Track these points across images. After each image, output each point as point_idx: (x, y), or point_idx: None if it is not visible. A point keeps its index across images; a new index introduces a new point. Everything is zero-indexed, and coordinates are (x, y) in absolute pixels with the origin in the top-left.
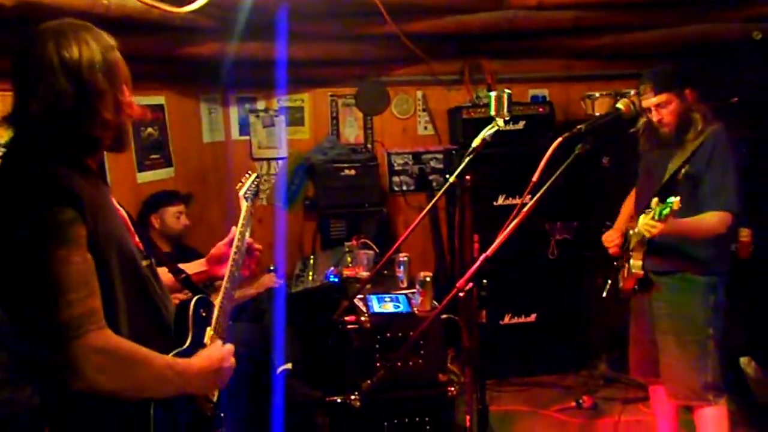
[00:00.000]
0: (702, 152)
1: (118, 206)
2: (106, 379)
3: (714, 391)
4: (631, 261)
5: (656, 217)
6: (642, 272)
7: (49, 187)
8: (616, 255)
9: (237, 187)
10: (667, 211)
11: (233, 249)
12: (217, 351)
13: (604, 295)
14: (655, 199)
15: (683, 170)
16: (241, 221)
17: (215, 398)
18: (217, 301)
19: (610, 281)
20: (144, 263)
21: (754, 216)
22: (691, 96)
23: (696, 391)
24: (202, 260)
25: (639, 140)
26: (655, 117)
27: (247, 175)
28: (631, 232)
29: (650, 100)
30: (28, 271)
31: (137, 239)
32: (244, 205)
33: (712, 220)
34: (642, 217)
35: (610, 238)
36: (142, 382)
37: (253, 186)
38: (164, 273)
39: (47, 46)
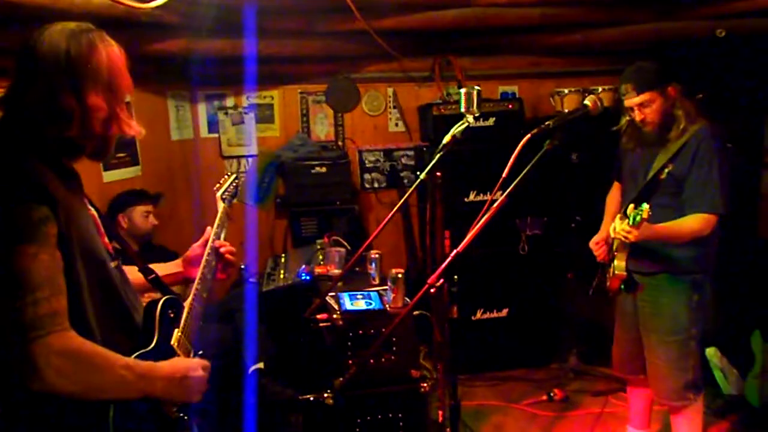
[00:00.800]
0: (686, 152)
1: (89, 205)
2: (65, 381)
3: (694, 390)
4: (615, 262)
5: (630, 223)
6: (625, 273)
7: (25, 183)
8: (603, 259)
9: (215, 188)
10: (638, 218)
11: (207, 250)
12: (185, 360)
13: (591, 293)
14: (631, 205)
15: (666, 170)
16: (216, 222)
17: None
18: (186, 302)
19: (596, 280)
20: (112, 264)
21: None
22: (674, 92)
23: (677, 390)
24: (178, 261)
25: (621, 138)
26: (638, 116)
27: (225, 176)
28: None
29: (632, 100)
30: None
31: (106, 239)
32: (221, 206)
33: (695, 222)
34: (618, 222)
35: (597, 245)
36: (101, 384)
37: (232, 187)
38: (134, 272)
39: (60, 44)
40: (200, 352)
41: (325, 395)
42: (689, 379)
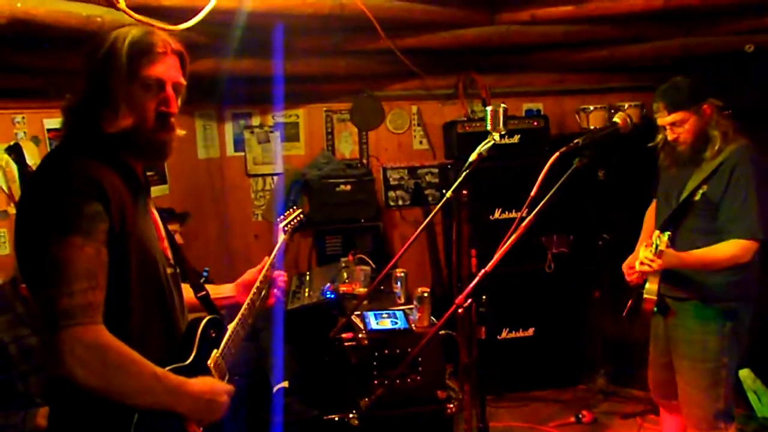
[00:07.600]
0: (721, 172)
1: (154, 210)
2: (84, 373)
3: (725, 419)
4: (647, 285)
5: (654, 251)
6: (656, 297)
7: (80, 179)
8: (636, 283)
9: (279, 219)
10: (662, 246)
11: (260, 277)
12: (215, 383)
13: (624, 315)
14: (657, 231)
15: (700, 191)
16: (275, 251)
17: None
18: (230, 326)
19: (631, 302)
20: (168, 271)
21: None
22: (709, 111)
23: (708, 419)
24: (232, 285)
25: (659, 155)
26: (670, 135)
27: (292, 210)
28: None
29: (664, 119)
30: (42, 251)
31: (166, 244)
32: (281, 237)
33: (730, 249)
34: (642, 249)
35: (630, 269)
36: (123, 387)
37: (295, 221)
38: (187, 290)
39: (98, 45)
40: (235, 378)
41: (351, 416)
42: (720, 408)
